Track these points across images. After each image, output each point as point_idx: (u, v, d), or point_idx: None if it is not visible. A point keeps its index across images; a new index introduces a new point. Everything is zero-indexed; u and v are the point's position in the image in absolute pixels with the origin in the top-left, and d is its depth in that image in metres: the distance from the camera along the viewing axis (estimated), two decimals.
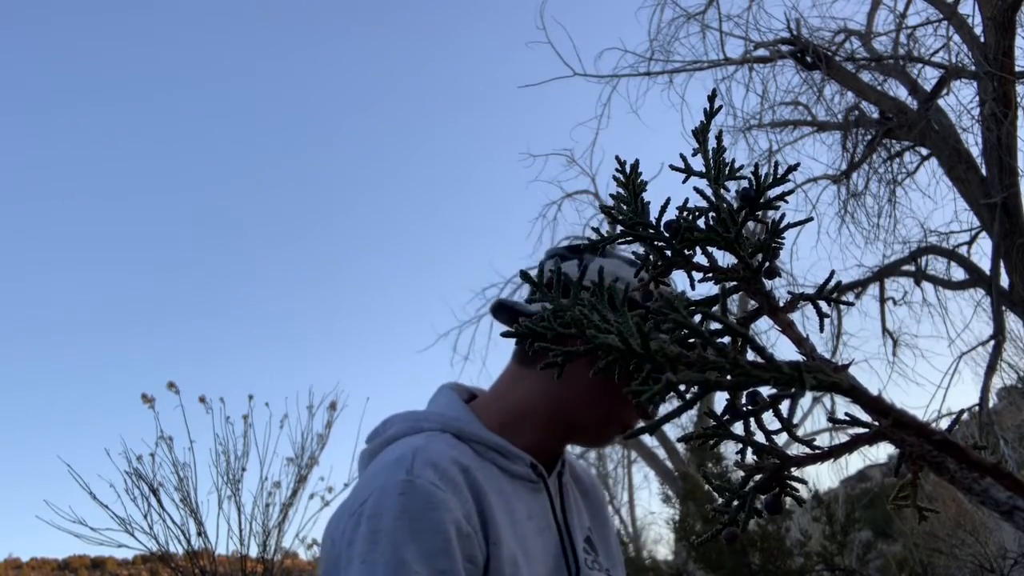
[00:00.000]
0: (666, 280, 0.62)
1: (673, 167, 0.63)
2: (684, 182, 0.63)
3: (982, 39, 5.98)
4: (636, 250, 0.62)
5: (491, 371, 10.17)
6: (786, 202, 0.61)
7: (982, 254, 6.79)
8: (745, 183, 0.60)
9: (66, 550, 13.07)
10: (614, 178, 0.64)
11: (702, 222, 0.60)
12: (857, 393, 0.52)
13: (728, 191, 0.61)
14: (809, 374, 0.50)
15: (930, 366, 9.35)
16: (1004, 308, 6.34)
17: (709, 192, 0.61)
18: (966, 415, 6.27)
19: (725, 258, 0.60)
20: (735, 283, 0.59)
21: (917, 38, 6.85)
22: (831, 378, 0.51)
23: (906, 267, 7.45)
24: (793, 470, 0.54)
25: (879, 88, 6.89)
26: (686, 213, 0.60)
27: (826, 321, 0.62)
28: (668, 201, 0.61)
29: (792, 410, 0.53)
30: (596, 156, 9.81)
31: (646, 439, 11.81)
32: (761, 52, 6.99)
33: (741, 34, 7.01)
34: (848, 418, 0.53)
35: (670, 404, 0.51)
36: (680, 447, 11.16)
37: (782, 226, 0.59)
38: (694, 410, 1.12)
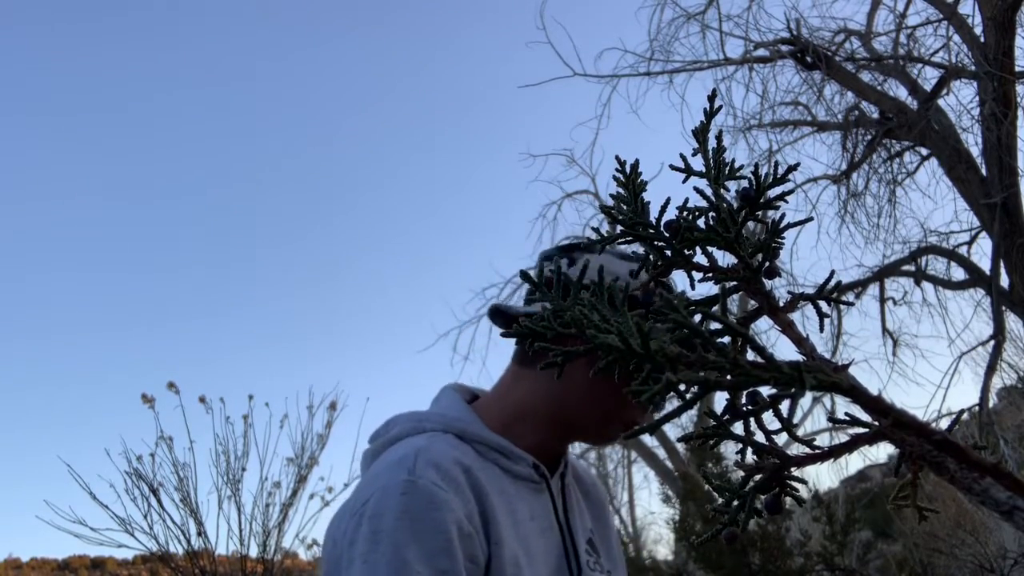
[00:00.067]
0: (666, 280, 0.62)
1: (673, 167, 0.63)
2: (684, 182, 0.63)
3: (982, 39, 5.98)
4: (636, 249, 0.62)
5: (491, 371, 10.18)
6: (786, 202, 0.61)
7: (982, 254, 6.80)
8: (745, 183, 0.60)
9: (66, 550, 13.08)
10: (614, 178, 0.64)
11: (702, 222, 0.60)
12: (857, 393, 0.52)
13: (728, 191, 0.61)
14: (809, 374, 0.50)
15: (930, 366, 9.37)
16: (1004, 308, 6.34)
17: (709, 192, 0.61)
18: (966, 415, 6.27)
19: (725, 258, 0.61)
20: (735, 283, 0.59)
21: (917, 38, 6.85)
22: (831, 378, 0.51)
23: (906, 267, 7.45)
24: (793, 470, 0.54)
25: (879, 88, 6.90)
26: (686, 213, 0.60)
27: (826, 321, 0.62)
28: (668, 201, 0.61)
29: (792, 410, 0.53)
30: (596, 156, 9.83)
31: (646, 439, 11.80)
32: (761, 52, 6.99)
33: (741, 34, 7.02)
34: (848, 418, 0.53)
35: (670, 404, 0.51)
36: (680, 447, 11.16)
37: (782, 226, 0.59)
38: (694, 410, 1.12)
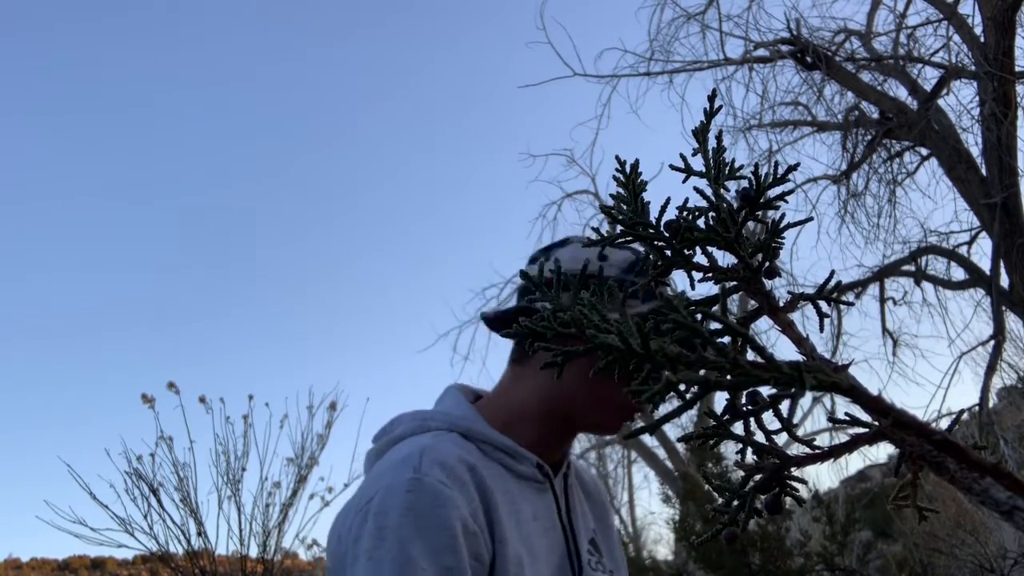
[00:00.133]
0: (666, 280, 0.62)
1: (673, 167, 0.63)
2: (684, 182, 0.63)
3: (982, 39, 5.98)
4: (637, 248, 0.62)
5: (491, 371, 10.18)
6: (786, 202, 0.61)
7: (982, 254, 6.80)
8: (745, 183, 0.60)
9: (66, 550, 13.08)
10: (614, 178, 0.64)
11: (702, 222, 0.60)
12: (857, 393, 0.52)
13: (728, 191, 0.61)
14: (809, 374, 0.50)
15: (930, 366, 9.36)
16: (1004, 308, 6.34)
17: (709, 192, 0.61)
18: (966, 415, 6.27)
19: (725, 258, 0.60)
20: (735, 283, 0.59)
21: (917, 38, 6.85)
22: (831, 378, 0.51)
23: (906, 267, 7.45)
24: (793, 470, 0.54)
25: (879, 88, 6.89)
26: (686, 213, 0.60)
27: (826, 321, 0.62)
28: (668, 201, 0.61)
29: (792, 410, 0.53)
30: (596, 156, 9.83)
31: (646, 439, 11.80)
32: (761, 52, 6.99)
33: (741, 34, 7.02)
34: (848, 418, 0.53)
35: (670, 404, 0.51)
36: (680, 447, 11.16)
37: (782, 226, 0.59)
38: (694, 410, 1.12)
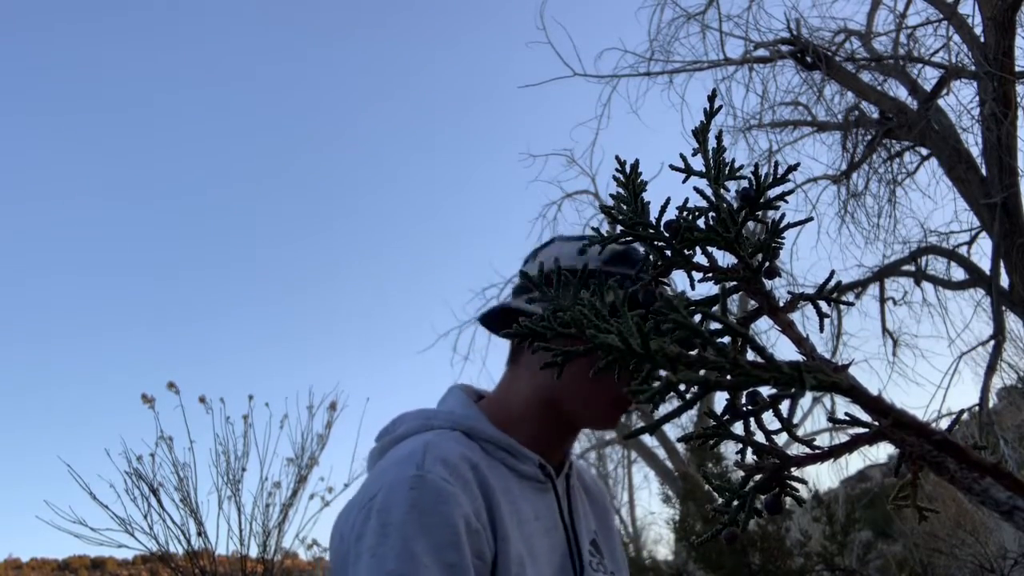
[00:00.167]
0: (665, 280, 0.62)
1: (673, 167, 0.63)
2: (684, 182, 0.63)
3: (982, 39, 5.98)
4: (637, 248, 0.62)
5: (491, 371, 10.16)
6: (786, 202, 0.61)
7: (982, 254, 6.80)
8: (745, 183, 0.60)
9: (66, 550, 13.06)
10: (614, 178, 0.64)
11: (702, 222, 0.60)
12: (857, 393, 0.52)
13: (728, 191, 0.61)
14: (809, 374, 0.50)
15: (930, 366, 9.37)
16: (1004, 308, 6.34)
17: (709, 192, 0.61)
18: (966, 415, 6.27)
19: (725, 258, 0.60)
20: (735, 283, 0.59)
21: (917, 38, 6.85)
22: (831, 378, 0.51)
23: (906, 267, 7.45)
24: (793, 470, 0.54)
25: (879, 88, 6.89)
26: (686, 213, 0.60)
27: (826, 321, 0.62)
28: (668, 201, 0.61)
29: (792, 410, 0.53)
30: (596, 156, 9.83)
31: (646, 439, 11.80)
32: (761, 52, 6.98)
33: (741, 34, 7.01)
34: (848, 418, 0.53)
35: (670, 404, 0.51)
36: (680, 447, 11.16)
37: (782, 226, 0.59)
38: (694, 410, 1.12)
